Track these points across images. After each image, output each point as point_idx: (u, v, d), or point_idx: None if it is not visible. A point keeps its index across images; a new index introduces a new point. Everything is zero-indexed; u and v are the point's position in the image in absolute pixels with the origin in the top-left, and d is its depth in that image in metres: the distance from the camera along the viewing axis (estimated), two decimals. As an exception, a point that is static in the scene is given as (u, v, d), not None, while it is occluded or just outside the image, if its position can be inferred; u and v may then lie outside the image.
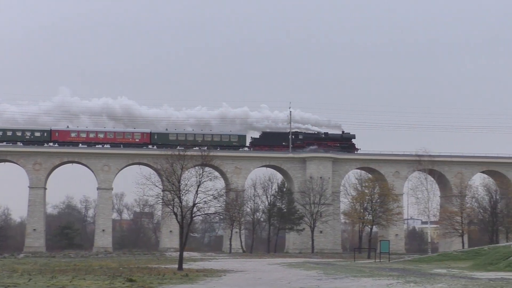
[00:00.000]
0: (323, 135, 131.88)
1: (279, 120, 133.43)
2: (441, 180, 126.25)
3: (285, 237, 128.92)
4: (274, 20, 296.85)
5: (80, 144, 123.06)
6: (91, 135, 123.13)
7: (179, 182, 61.19)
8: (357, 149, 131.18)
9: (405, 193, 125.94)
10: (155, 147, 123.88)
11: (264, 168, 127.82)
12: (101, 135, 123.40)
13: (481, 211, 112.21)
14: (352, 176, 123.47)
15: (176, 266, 59.27)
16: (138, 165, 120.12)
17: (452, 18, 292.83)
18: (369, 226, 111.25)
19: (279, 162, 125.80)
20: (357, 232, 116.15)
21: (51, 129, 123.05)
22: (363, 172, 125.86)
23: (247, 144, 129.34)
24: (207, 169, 65.78)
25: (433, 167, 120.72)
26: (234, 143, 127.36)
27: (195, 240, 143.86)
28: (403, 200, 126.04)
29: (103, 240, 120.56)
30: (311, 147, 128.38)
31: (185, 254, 70.96)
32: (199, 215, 67.11)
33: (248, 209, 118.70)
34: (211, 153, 75.74)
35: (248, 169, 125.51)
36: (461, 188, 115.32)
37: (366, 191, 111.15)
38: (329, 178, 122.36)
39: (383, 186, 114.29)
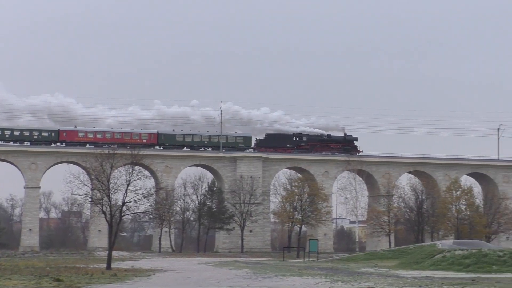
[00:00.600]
0: (326, 137, 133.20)
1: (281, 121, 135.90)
2: (369, 180, 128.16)
3: (215, 236, 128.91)
4: (271, 22, 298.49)
5: (88, 145, 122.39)
6: (99, 136, 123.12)
7: (108, 181, 60.70)
8: (359, 151, 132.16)
9: (334, 193, 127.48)
10: (161, 148, 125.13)
11: (195, 167, 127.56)
12: (109, 136, 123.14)
13: (408, 210, 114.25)
14: (282, 175, 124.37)
15: (105, 265, 58.72)
16: (66, 164, 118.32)
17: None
18: (298, 225, 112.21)
19: (210, 161, 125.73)
20: (287, 231, 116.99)
21: (59, 129, 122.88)
22: (293, 172, 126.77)
23: (252, 145, 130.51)
24: (137, 168, 65.41)
25: (361, 167, 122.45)
26: (239, 144, 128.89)
27: (124, 239, 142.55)
28: (332, 200, 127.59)
29: (30, 239, 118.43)
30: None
31: (114, 253, 70.23)
32: (128, 214, 66.63)
33: (178, 208, 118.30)
34: (141, 152, 75.11)
35: (179, 168, 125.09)
36: (388, 188, 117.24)
37: (296, 190, 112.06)
38: (259, 177, 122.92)
39: (313, 186, 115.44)
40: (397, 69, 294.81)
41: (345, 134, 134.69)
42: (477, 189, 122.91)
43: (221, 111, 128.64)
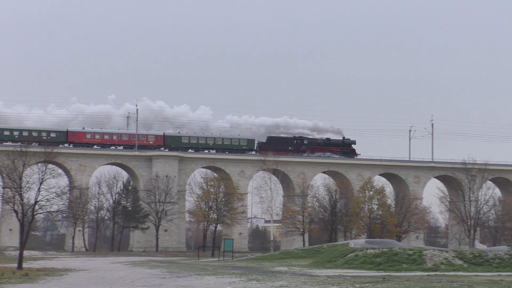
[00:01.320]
0: (326, 141, 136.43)
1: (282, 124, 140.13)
2: (285, 180, 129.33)
3: (130, 236, 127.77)
4: (267, 25, 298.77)
5: (96, 146, 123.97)
6: (106, 137, 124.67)
7: (20, 179, 59.48)
8: (357, 154, 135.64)
9: (249, 192, 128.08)
10: (167, 150, 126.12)
11: (110, 166, 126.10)
12: (116, 137, 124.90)
13: (322, 210, 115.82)
14: (198, 175, 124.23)
15: (16, 265, 57.55)
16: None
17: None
18: (214, 224, 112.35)
19: (125, 160, 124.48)
20: (202, 230, 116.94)
21: (67, 130, 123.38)
22: (208, 171, 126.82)
23: (255, 148, 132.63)
24: (50, 166, 64.33)
25: (277, 167, 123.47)
26: (243, 146, 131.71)
27: (36, 238, 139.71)
28: (247, 199, 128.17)
29: None
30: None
31: (26, 252, 68.91)
32: (41, 213, 65.38)
33: (92, 207, 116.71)
34: (55, 150, 73.89)
35: (93, 166, 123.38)
36: (303, 188, 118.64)
37: (212, 190, 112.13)
38: (175, 176, 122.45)
39: (228, 185, 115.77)
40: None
41: (343, 138, 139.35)
42: (389, 189, 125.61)
43: (137, 109, 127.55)
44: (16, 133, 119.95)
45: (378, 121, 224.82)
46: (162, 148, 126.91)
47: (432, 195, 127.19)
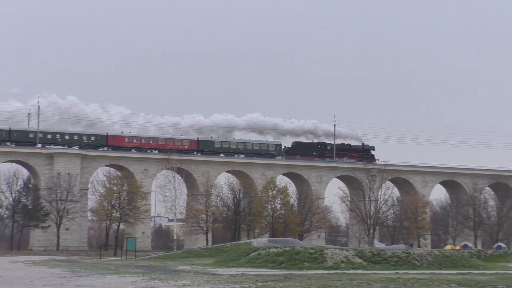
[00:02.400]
0: (347, 146, 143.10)
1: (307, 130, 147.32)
2: (189, 179, 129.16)
3: (30, 234, 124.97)
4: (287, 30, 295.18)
5: (133, 150, 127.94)
6: (144, 141, 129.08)
7: None
8: (375, 160, 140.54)
9: (153, 191, 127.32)
10: (199, 154, 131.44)
11: (9, 163, 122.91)
12: (153, 141, 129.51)
13: (225, 209, 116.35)
14: (101, 173, 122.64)
15: None
16: None
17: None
18: (117, 223, 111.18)
19: (25, 157, 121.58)
20: (104, 229, 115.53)
21: (107, 134, 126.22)
22: (112, 169, 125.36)
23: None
24: None
25: (181, 166, 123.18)
26: (271, 151, 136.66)
27: None
28: (151, 198, 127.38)
29: None
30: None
31: None
32: None
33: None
34: None
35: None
36: (207, 187, 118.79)
37: (115, 188, 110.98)
38: (77, 174, 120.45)
39: (132, 183, 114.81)
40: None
41: (363, 144, 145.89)
42: (292, 188, 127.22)
43: (39, 105, 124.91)
44: (58, 137, 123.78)
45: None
46: (195, 152, 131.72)
47: (333, 195, 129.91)
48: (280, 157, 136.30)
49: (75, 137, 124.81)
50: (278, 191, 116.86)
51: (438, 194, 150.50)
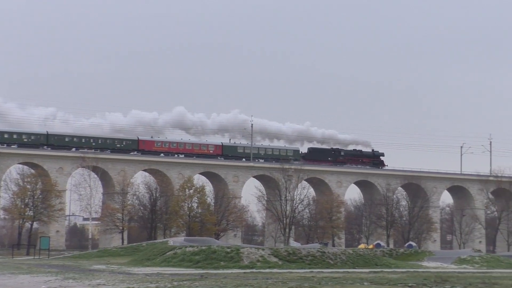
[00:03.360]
0: (358, 152, 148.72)
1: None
2: (105, 177, 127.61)
3: None
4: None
5: (162, 154, 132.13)
6: (173, 146, 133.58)
7: None
8: (384, 165, 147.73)
9: (68, 190, 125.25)
10: (222, 158, 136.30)
11: None
12: (181, 146, 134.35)
13: (142, 208, 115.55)
14: (14, 171, 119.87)
15: None
16: None
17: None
18: (30, 222, 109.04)
19: None
20: (17, 228, 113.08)
21: (138, 139, 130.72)
22: (25, 167, 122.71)
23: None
24: None
25: (97, 164, 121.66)
26: (290, 156, 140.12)
27: None
28: (65, 197, 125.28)
29: None
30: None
31: None
32: None
33: None
34: None
35: None
36: (123, 186, 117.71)
37: (28, 186, 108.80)
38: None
39: (46, 182, 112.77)
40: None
41: (373, 150, 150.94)
42: (208, 187, 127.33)
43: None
44: (93, 141, 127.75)
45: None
46: (219, 157, 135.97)
47: (250, 194, 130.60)
48: (297, 162, 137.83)
49: (108, 141, 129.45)
50: (195, 190, 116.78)
51: (352, 194, 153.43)
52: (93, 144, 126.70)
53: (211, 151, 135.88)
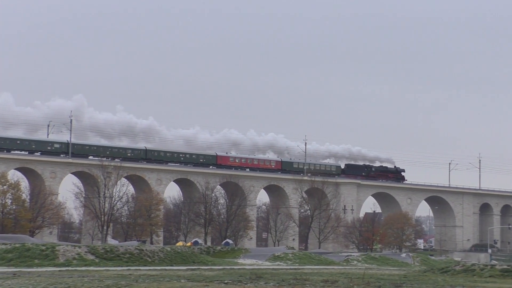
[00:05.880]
0: (384, 168, 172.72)
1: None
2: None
3: None
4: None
5: (233, 168, 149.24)
6: (243, 161, 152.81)
7: None
8: (405, 180, 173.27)
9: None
10: (279, 173, 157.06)
11: None
12: (249, 161, 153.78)
13: None
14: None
15: None
16: None
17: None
18: None
19: None
20: None
21: (216, 154, 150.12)
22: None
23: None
24: None
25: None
26: (333, 171, 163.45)
27: None
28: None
29: None
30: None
31: None
32: None
33: None
34: None
35: None
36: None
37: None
38: None
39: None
40: None
41: (395, 166, 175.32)
42: (24, 183, 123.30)
43: None
44: (182, 155, 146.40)
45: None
46: (279, 172, 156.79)
47: (68, 191, 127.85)
48: (337, 176, 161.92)
49: (187, 156, 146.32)
50: (9, 186, 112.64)
51: (172, 192, 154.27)
52: (182, 158, 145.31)
53: (273, 166, 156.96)
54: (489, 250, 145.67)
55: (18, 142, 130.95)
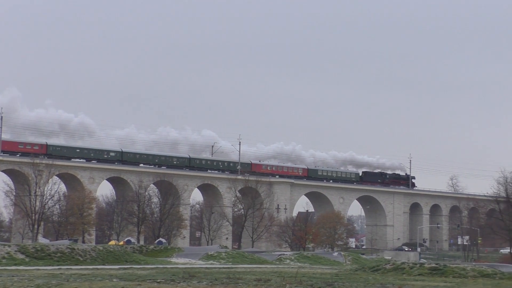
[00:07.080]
0: (397, 176, 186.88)
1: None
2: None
3: None
4: None
5: (263, 175, 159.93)
6: (274, 168, 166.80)
7: None
8: (414, 186, 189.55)
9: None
10: (304, 180, 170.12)
11: None
12: (279, 169, 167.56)
13: None
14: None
15: None
16: None
17: None
18: None
19: None
20: None
21: (251, 162, 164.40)
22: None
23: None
24: None
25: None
26: (352, 178, 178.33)
27: None
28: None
29: None
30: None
31: None
32: None
33: None
34: None
35: None
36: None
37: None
38: None
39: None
40: None
41: (406, 173, 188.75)
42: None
43: None
44: (208, 162, 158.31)
45: None
46: (305, 179, 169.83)
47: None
48: (355, 183, 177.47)
49: (221, 164, 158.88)
50: None
51: (105, 191, 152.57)
52: (221, 166, 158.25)
53: (300, 173, 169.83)
54: (418, 249, 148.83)
55: None
